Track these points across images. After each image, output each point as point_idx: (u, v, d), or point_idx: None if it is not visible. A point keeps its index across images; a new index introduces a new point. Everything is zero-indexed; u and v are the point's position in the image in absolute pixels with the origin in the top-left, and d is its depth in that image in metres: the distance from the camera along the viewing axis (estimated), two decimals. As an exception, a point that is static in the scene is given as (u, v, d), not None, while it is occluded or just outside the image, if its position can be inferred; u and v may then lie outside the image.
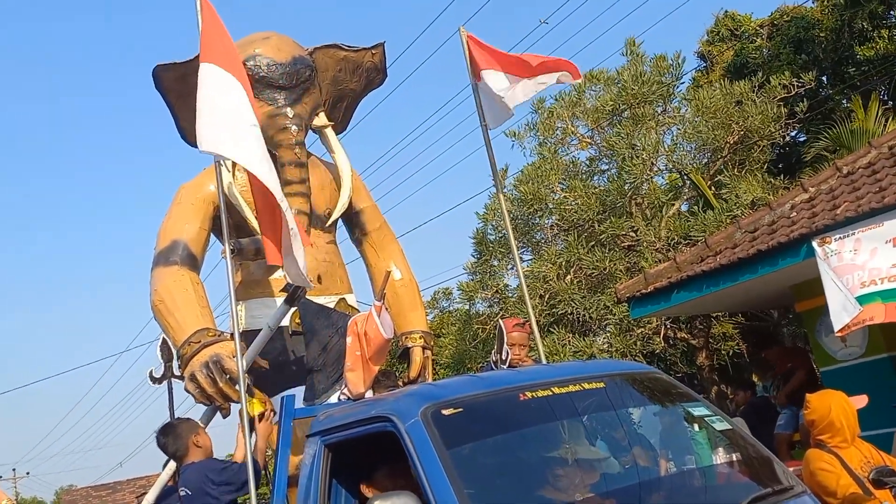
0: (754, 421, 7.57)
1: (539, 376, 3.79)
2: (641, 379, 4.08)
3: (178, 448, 4.44)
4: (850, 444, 3.93)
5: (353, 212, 6.06)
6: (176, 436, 4.46)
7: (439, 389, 3.62)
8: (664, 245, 11.94)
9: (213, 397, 4.73)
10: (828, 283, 6.22)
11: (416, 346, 5.82)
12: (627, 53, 13.63)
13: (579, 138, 13.75)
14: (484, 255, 13.56)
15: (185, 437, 4.44)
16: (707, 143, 12.68)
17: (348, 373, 4.34)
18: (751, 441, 3.82)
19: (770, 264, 7.11)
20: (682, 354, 13.73)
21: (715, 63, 16.99)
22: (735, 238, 7.94)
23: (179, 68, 5.57)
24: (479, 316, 14.01)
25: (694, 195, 13.62)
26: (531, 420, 3.53)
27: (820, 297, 7.70)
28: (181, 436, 4.46)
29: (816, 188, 7.76)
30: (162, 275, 5.22)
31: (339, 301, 5.61)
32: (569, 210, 12.60)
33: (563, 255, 12.28)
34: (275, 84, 5.53)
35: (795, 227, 7.08)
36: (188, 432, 4.47)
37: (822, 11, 15.59)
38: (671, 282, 7.99)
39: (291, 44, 5.81)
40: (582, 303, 11.83)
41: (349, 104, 6.49)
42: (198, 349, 4.85)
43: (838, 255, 6.25)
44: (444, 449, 3.06)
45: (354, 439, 3.58)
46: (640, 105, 12.84)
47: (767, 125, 12.63)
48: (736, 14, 17.57)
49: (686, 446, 4.04)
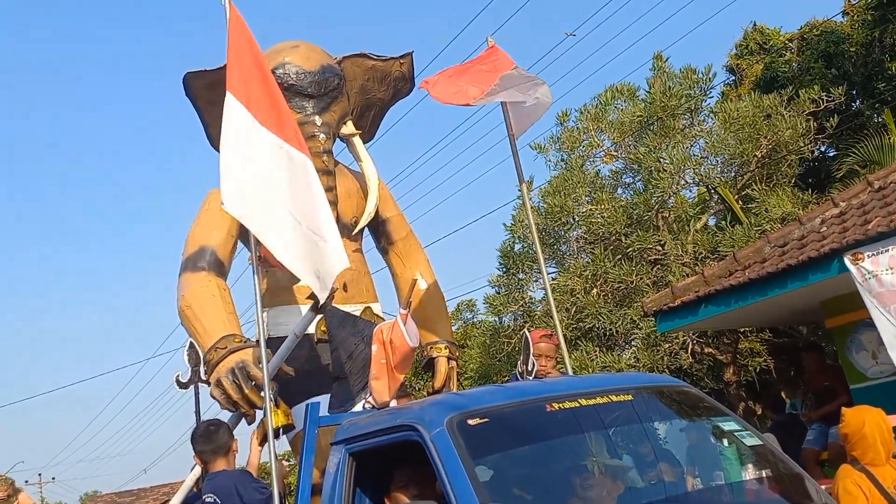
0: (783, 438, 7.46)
1: (566, 387, 3.76)
2: (670, 392, 4.04)
3: (215, 449, 4.42)
4: (884, 462, 3.85)
5: (379, 220, 6.06)
6: (218, 436, 4.45)
7: (465, 399, 3.60)
8: (691, 259, 11.84)
9: (238, 403, 4.73)
10: (874, 312, 6.13)
11: (441, 357, 5.79)
12: (655, 68, 13.58)
13: (605, 151, 13.70)
14: (511, 268, 13.51)
15: (226, 441, 4.45)
16: (735, 157, 12.58)
17: (373, 381, 4.33)
18: (782, 457, 3.75)
19: (800, 279, 7.02)
20: (709, 370, 13.57)
21: (744, 77, 16.88)
22: (764, 252, 7.85)
23: (209, 76, 5.61)
24: (505, 329, 13.96)
25: (721, 209, 13.51)
26: (557, 431, 3.50)
27: (850, 314, 7.61)
28: (223, 438, 4.46)
29: (847, 203, 7.66)
30: (189, 280, 5.24)
31: (365, 309, 5.60)
32: (595, 223, 12.54)
33: (589, 269, 12.21)
34: (303, 92, 5.56)
35: (826, 241, 6.99)
36: (229, 437, 4.48)
37: (853, 26, 15.45)
38: (699, 296, 7.91)
39: (320, 52, 5.84)
40: (608, 317, 11.74)
41: (377, 113, 6.51)
42: (224, 355, 4.85)
43: (877, 279, 6.12)
44: (469, 459, 3.04)
45: (379, 448, 3.57)
46: (667, 118, 12.78)
47: (796, 139, 12.50)
48: (765, 28, 17.46)
49: (714, 461, 3.98)
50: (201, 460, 4.50)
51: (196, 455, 4.53)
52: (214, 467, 4.40)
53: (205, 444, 4.45)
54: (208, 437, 4.47)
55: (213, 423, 4.62)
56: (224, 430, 4.53)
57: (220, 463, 4.40)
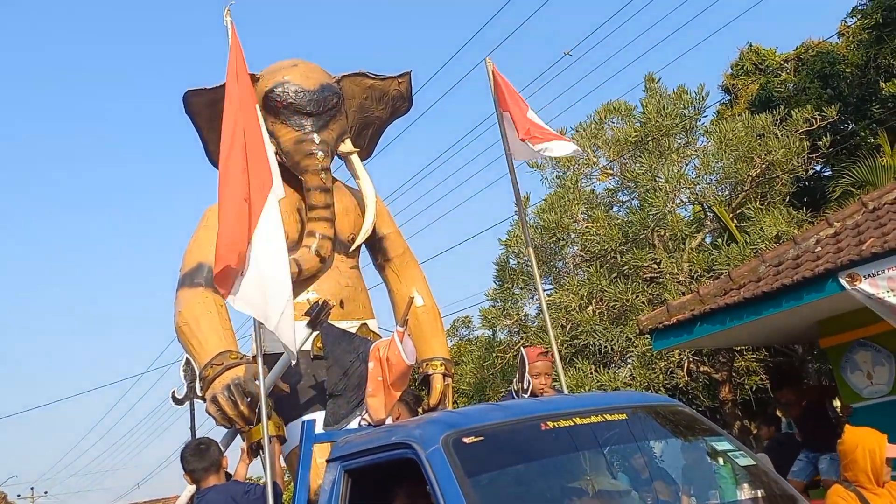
0: (779, 457, 7.45)
1: (561, 406, 3.78)
2: (664, 412, 4.05)
3: (207, 467, 4.43)
4: (874, 486, 3.85)
5: (376, 237, 6.09)
6: (209, 454, 4.45)
7: (461, 417, 3.61)
8: (687, 277, 11.88)
9: (233, 420, 4.74)
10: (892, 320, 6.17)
11: (437, 374, 5.80)
12: (647, 89, 13.68)
13: (601, 169, 13.78)
14: (506, 282, 13.55)
15: (218, 458, 4.45)
16: (729, 176, 12.66)
17: (369, 398, 4.34)
18: (775, 478, 3.77)
19: (794, 298, 7.04)
20: (705, 388, 13.58)
21: (739, 96, 16.99)
22: (759, 271, 7.88)
23: (209, 94, 5.65)
24: (499, 344, 13.97)
25: (717, 227, 13.57)
26: (552, 450, 3.51)
27: (845, 334, 7.64)
28: (214, 455, 4.46)
29: (842, 223, 7.70)
30: (186, 296, 5.26)
31: (361, 326, 5.61)
32: (591, 240, 12.59)
33: (584, 286, 12.25)
34: (302, 110, 5.59)
35: (820, 261, 7.02)
36: (220, 454, 4.48)
37: (848, 47, 15.58)
38: (694, 314, 7.93)
39: (319, 71, 5.89)
40: (604, 334, 11.77)
41: (375, 131, 6.55)
42: (220, 371, 4.86)
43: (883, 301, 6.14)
44: (464, 477, 3.05)
45: (374, 465, 3.58)
46: (663, 137, 12.86)
47: (790, 159, 12.58)
48: (760, 48, 17.60)
49: (709, 481, 3.99)
50: (192, 478, 4.50)
51: (186, 473, 4.53)
52: (205, 484, 4.40)
53: (196, 462, 4.45)
54: (199, 455, 4.47)
55: (203, 442, 4.62)
56: (214, 448, 4.53)
57: (210, 480, 4.41)
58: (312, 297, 5.30)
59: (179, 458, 4.55)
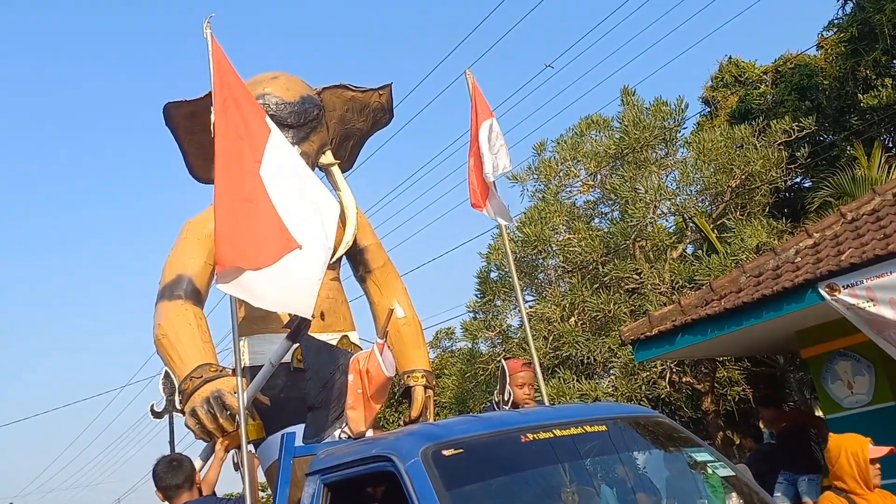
0: (762, 468, 7.48)
1: (541, 418, 3.77)
2: (644, 423, 4.05)
3: (181, 483, 4.38)
4: (864, 491, 3.87)
5: (357, 249, 6.07)
6: (182, 470, 4.41)
7: (440, 429, 3.59)
8: (668, 288, 11.92)
9: (213, 433, 4.69)
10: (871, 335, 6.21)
11: (418, 386, 5.78)
12: (624, 102, 13.76)
13: (581, 181, 13.83)
14: (487, 294, 13.55)
15: (191, 474, 4.40)
16: (709, 187, 12.74)
17: (349, 411, 4.31)
18: (755, 489, 3.78)
19: (774, 309, 7.09)
20: (688, 399, 13.62)
21: (719, 109, 17.13)
22: (740, 282, 7.92)
23: (189, 106, 5.64)
24: (481, 356, 13.95)
25: (697, 238, 13.65)
26: (532, 462, 3.50)
27: (825, 344, 7.69)
28: (187, 471, 4.41)
29: (821, 234, 7.77)
30: (166, 309, 5.22)
31: (342, 338, 5.59)
32: (572, 252, 12.62)
33: (566, 297, 12.27)
34: (283, 122, 5.58)
35: (800, 272, 7.07)
36: (193, 470, 4.43)
37: (826, 59, 15.74)
38: (675, 325, 7.96)
39: (300, 83, 5.88)
40: (586, 345, 11.79)
41: (356, 143, 6.54)
42: (199, 384, 4.82)
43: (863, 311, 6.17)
44: (443, 490, 3.03)
45: (354, 478, 3.55)
46: (642, 149, 12.93)
47: (769, 169, 12.69)
48: (740, 61, 17.77)
49: (689, 492, 4.00)
50: (164, 495, 4.44)
51: (159, 491, 4.47)
52: (178, 501, 4.35)
53: (169, 478, 4.40)
54: (172, 470, 4.42)
55: (175, 458, 4.56)
56: (187, 464, 4.48)
57: (183, 496, 4.36)
58: (292, 308, 5.26)
59: (152, 474, 4.49)
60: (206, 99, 5.37)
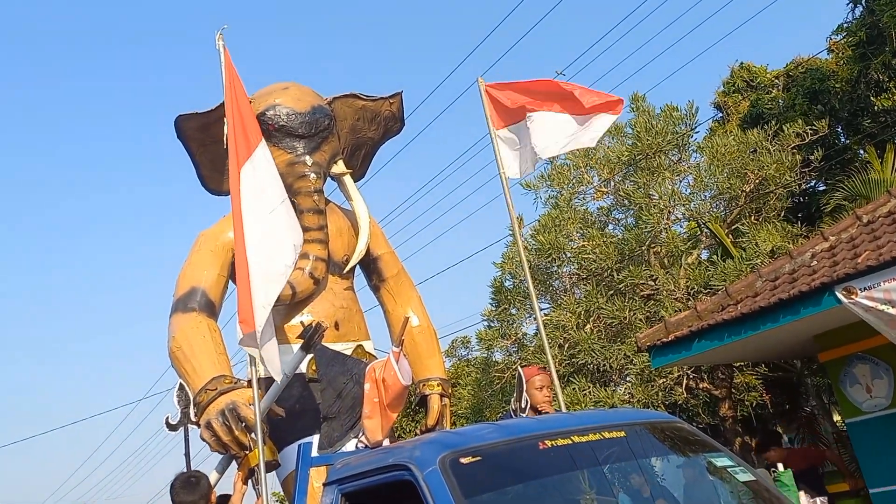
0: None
1: (559, 425, 3.74)
2: (663, 428, 4.02)
3: (196, 500, 4.35)
4: None
5: (370, 258, 6.07)
6: (199, 488, 4.38)
7: (458, 437, 3.58)
8: (684, 294, 11.85)
9: (228, 445, 4.68)
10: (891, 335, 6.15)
11: (434, 394, 5.76)
12: (634, 108, 13.71)
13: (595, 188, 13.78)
14: (502, 303, 13.51)
15: (207, 492, 4.38)
16: (723, 192, 12.67)
17: (366, 420, 4.30)
18: (776, 494, 3.73)
19: (791, 313, 7.02)
20: (705, 405, 13.52)
21: (731, 114, 17.07)
22: (756, 287, 7.86)
23: (201, 118, 5.67)
24: (497, 365, 13.90)
25: (712, 243, 13.57)
26: (551, 469, 3.47)
27: (843, 347, 7.62)
28: (203, 490, 4.38)
29: (837, 237, 7.70)
30: (180, 321, 5.23)
31: (357, 348, 5.58)
32: (587, 259, 12.57)
33: (581, 305, 12.21)
34: (294, 133, 5.60)
35: (816, 275, 7.01)
36: (209, 488, 4.41)
37: (838, 63, 15.65)
38: (692, 330, 7.90)
39: (311, 93, 5.90)
40: (602, 352, 11.71)
41: (367, 152, 6.55)
42: (214, 396, 4.82)
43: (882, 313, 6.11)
44: (462, 498, 3.01)
45: (372, 488, 3.53)
46: (655, 155, 12.88)
47: (783, 173, 12.61)
48: (751, 65, 17.70)
49: (709, 498, 3.95)
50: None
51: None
52: None
53: (186, 495, 4.37)
54: (189, 488, 4.39)
55: (194, 475, 4.54)
56: (204, 481, 4.46)
57: None
58: (307, 319, 5.28)
59: (169, 491, 4.47)
60: (219, 110, 5.40)
